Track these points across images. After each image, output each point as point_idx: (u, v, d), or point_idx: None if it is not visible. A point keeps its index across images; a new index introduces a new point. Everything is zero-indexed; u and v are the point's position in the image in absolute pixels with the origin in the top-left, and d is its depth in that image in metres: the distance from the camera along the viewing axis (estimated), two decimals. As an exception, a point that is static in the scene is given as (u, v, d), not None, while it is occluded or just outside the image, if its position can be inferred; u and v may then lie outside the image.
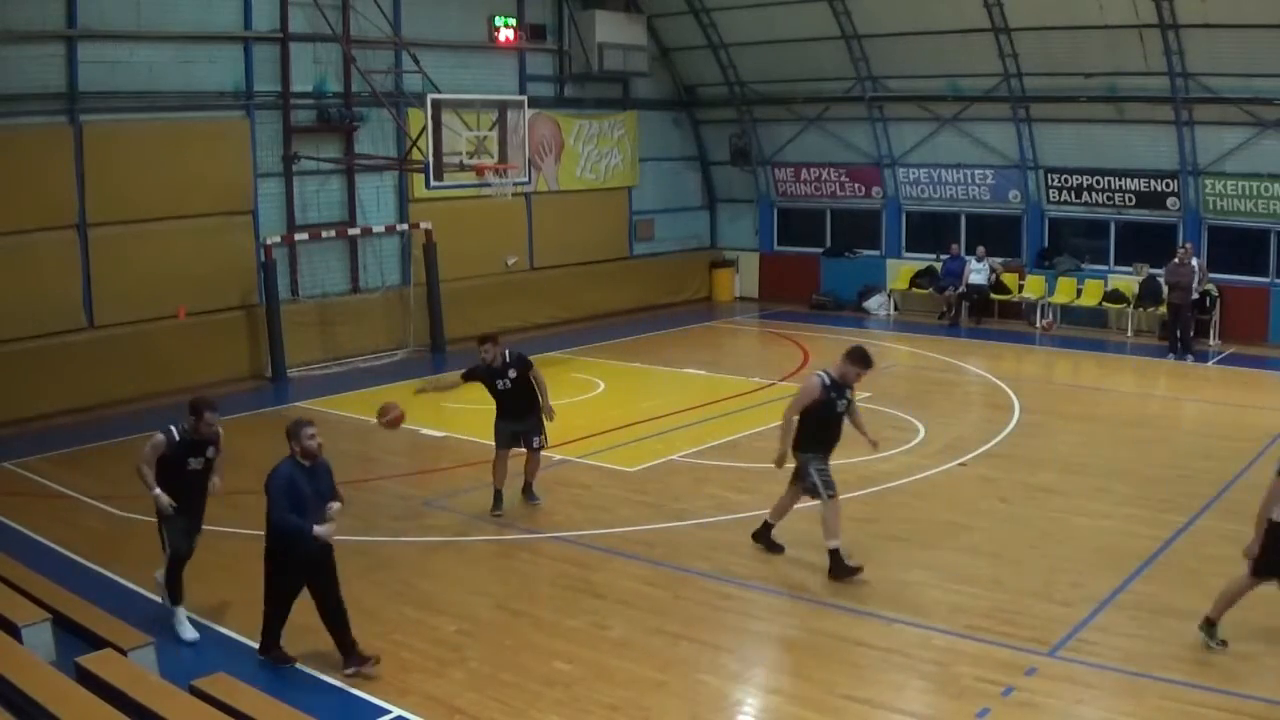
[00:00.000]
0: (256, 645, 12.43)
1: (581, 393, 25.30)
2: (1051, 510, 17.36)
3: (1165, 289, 29.80)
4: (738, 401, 24.32)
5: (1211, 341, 30.27)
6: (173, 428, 12.93)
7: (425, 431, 22.03)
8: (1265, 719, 11.08)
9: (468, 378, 17.80)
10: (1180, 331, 29.24)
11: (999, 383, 26.00)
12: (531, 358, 17.88)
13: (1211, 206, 30.95)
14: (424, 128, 25.28)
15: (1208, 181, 30.76)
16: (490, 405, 17.37)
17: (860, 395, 24.07)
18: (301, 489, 11.91)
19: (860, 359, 14.97)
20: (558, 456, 20.01)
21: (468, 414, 23.31)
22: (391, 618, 13.51)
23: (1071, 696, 11.53)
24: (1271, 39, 27.60)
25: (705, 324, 34.54)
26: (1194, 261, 29.17)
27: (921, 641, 12.86)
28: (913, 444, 21.00)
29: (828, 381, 14.92)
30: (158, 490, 12.86)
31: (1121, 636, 12.86)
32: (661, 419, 22.90)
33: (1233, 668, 12.03)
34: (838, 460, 19.39)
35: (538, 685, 11.76)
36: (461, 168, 25.76)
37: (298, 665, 12.18)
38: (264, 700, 10.02)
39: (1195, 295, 29.43)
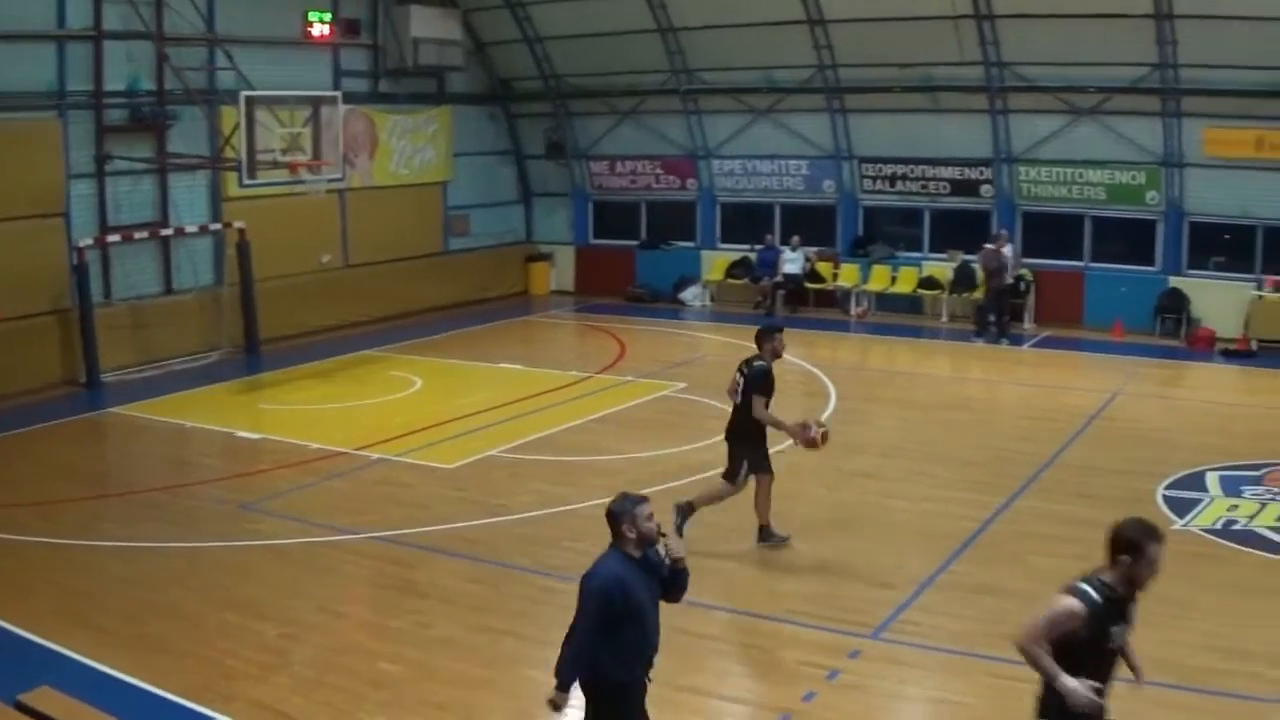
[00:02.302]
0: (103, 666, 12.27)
1: (398, 390, 25.18)
2: (871, 494, 17.77)
3: (981, 274, 30.71)
4: (555, 395, 24.40)
5: (1026, 325, 31.11)
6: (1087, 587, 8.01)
7: (240, 434, 21.86)
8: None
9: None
10: (995, 316, 30.16)
11: (816, 370, 26.39)
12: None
13: (1026, 193, 31.84)
14: (237, 125, 25.11)
15: (1022, 168, 31.65)
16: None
17: (676, 386, 24.65)
18: (637, 597, 8.86)
19: None
20: (374, 455, 20.04)
21: (283, 415, 23.27)
22: (214, 624, 13.34)
23: (897, 677, 11.83)
24: (1084, 28, 28.46)
25: (522, 319, 34.56)
26: (1007, 248, 30.08)
27: (746, 628, 13.10)
28: (731, 433, 21.29)
29: None
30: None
31: (944, 616, 13.22)
32: (479, 415, 22.81)
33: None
34: (655, 450, 19.70)
35: (364, 687, 11.74)
36: (275, 165, 25.61)
37: (128, 679, 12.09)
38: (91, 714, 9.95)
39: (1010, 280, 30.36)
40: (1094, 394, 24.36)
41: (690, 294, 36.12)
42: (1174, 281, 30.76)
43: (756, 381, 15.44)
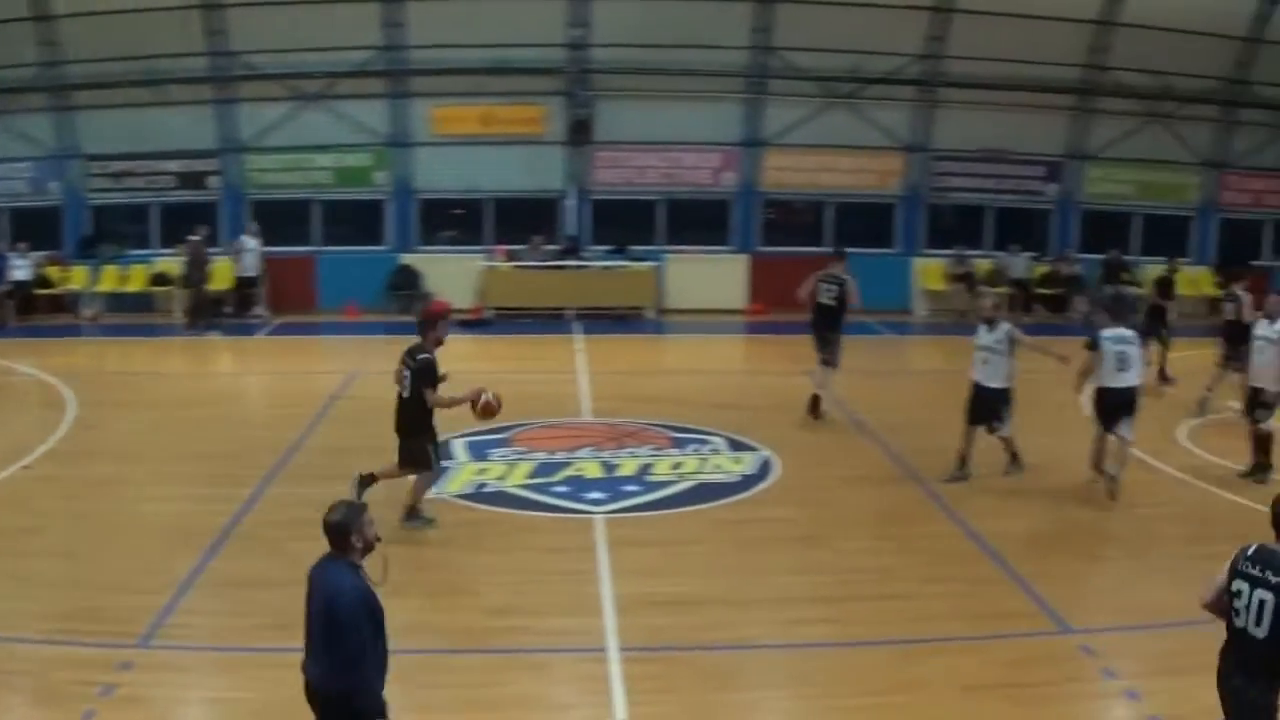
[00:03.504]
0: None
1: None
2: (119, 501, 17.05)
3: (191, 268, 30.64)
4: None
5: (260, 313, 31.11)
6: None
7: None
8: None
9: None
10: (193, 307, 30.50)
11: (52, 379, 25.28)
12: None
13: (255, 181, 31.86)
14: None
15: (250, 157, 31.65)
16: None
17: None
18: (379, 604, 8.40)
19: None
20: None
21: None
22: None
23: (172, 682, 11.50)
24: (312, 14, 29.18)
25: None
26: (252, 240, 30.16)
27: (7, 655, 12.34)
28: (-34, 452, 20.09)
29: None
30: None
31: (208, 615, 12.97)
32: None
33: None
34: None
35: None
36: None
37: None
38: None
39: (252, 272, 30.44)
40: (334, 375, 24.80)
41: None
42: (406, 258, 31.65)
43: (423, 375, 15.18)
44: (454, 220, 32.99)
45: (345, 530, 8.33)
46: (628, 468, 18.34)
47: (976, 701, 11.33)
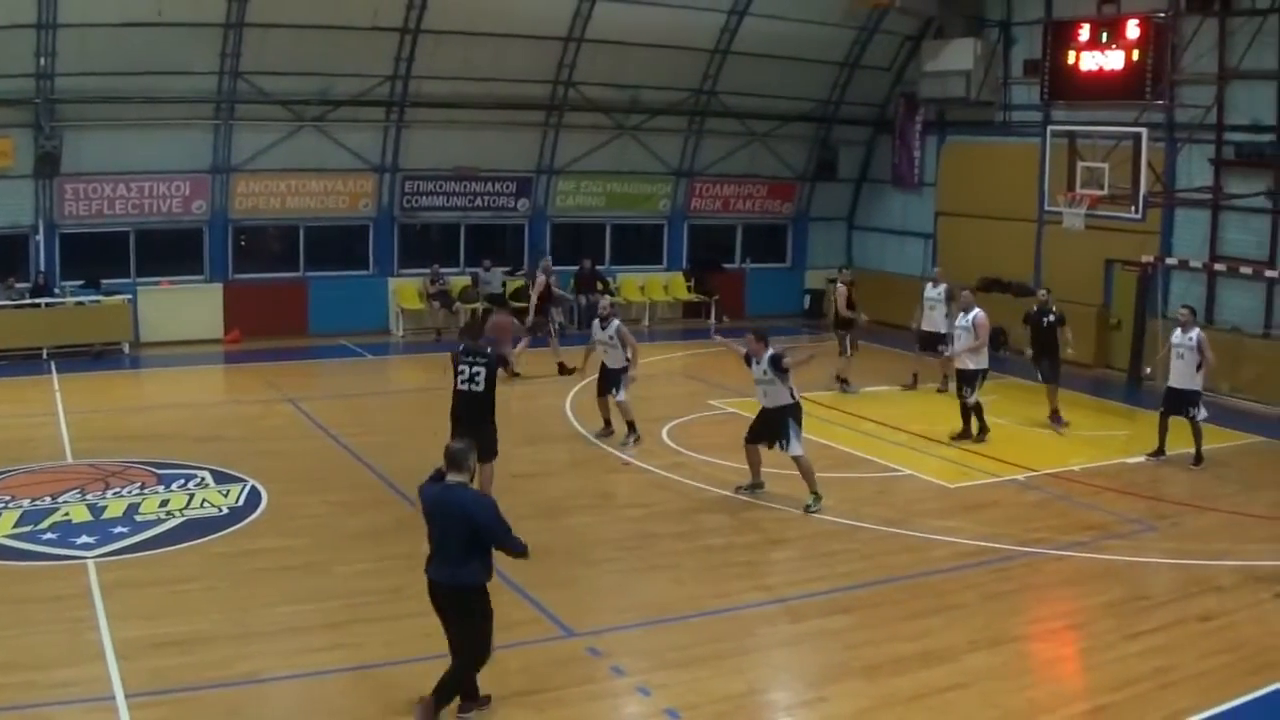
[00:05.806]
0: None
1: None
2: None
3: None
4: None
5: None
6: None
7: None
8: None
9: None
10: None
11: None
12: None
13: None
14: None
15: None
16: None
17: None
18: None
19: None
20: None
21: None
22: None
23: None
24: None
25: None
26: None
27: None
28: None
29: None
30: None
31: None
32: None
33: None
34: None
35: None
36: None
37: None
38: None
39: None
40: None
41: None
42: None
43: (500, 364, 17.42)
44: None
45: (465, 456, 11.48)
46: (115, 509, 18.10)
47: (495, 711, 11.85)
